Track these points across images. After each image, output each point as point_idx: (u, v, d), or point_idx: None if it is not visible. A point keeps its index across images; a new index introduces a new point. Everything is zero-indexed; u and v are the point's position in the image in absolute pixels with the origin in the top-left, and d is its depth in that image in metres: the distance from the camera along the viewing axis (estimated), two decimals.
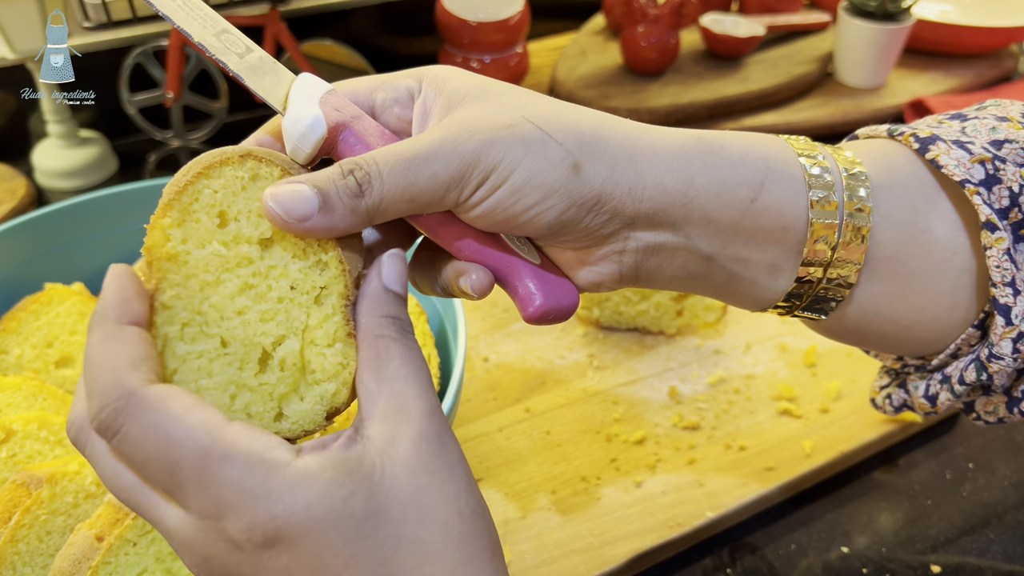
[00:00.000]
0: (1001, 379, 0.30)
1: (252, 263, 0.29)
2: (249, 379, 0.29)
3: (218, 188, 0.29)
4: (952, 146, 0.30)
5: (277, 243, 0.29)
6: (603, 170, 0.28)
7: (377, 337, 0.27)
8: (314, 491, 0.24)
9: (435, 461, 0.26)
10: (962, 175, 0.29)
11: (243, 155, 0.29)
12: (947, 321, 0.31)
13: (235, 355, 0.29)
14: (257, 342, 0.29)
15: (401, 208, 0.28)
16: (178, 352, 0.28)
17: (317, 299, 0.29)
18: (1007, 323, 0.29)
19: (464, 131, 0.28)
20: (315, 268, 0.29)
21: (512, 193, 0.28)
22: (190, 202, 0.29)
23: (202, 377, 0.29)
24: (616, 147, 0.29)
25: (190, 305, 0.29)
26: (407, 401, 0.26)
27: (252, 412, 0.29)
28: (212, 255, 0.29)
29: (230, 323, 0.29)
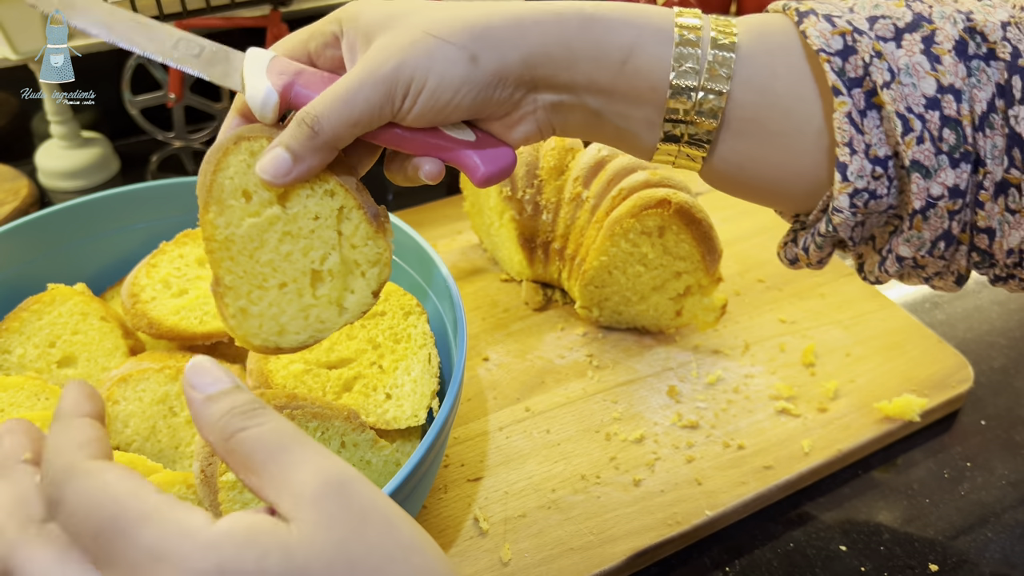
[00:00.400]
0: (844, 231, 0.34)
1: (279, 219, 0.37)
2: (310, 299, 0.38)
3: (232, 175, 0.36)
4: (821, 19, 0.33)
5: (291, 194, 0.37)
6: (494, 55, 0.34)
7: (226, 441, 0.26)
8: (226, 552, 0.23)
9: (344, 512, 0.25)
10: (820, 44, 0.32)
11: (235, 140, 0.36)
12: (811, 179, 0.35)
13: (295, 288, 0.37)
14: (307, 269, 0.37)
15: (351, 132, 0.35)
16: (253, 312, 0.37)
17: (339, 217, 0.37)
18: (843, 179, 0.33)
19: (379, 58, 0.34)
20: (326, 196, 0.37)
21: (431, 96, 0.34)
22: (219, 194, 0.36)
23: (281, 316, 0.37)
24: (504, 31, 0.34)
25: (249, 274, 0.37)
26: (289, 475, 0.25)
27: (323, 318, 0.38)
28: (250, 227, 0.36)
29: (282, 267, 0.37)
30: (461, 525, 0.48)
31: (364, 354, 0.49)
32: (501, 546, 0.47)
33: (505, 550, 0.46)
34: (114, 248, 0.58)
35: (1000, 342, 0.64)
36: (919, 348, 0.60)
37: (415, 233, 0.53)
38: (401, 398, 0.48)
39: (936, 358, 0.59)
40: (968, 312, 0.67)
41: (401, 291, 0.51)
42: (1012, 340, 0.64)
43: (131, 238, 0.58)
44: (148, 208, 0.58)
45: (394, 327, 0.50)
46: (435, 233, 0.73)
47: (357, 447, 0.42)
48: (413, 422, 0.47)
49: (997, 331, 0.65)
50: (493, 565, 0.46)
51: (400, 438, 0.48)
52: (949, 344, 0.61)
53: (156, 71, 0.85)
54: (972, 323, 0.65)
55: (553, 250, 0.63)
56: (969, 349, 0.63)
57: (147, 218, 0.58)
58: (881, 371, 0.58)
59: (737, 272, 0.68)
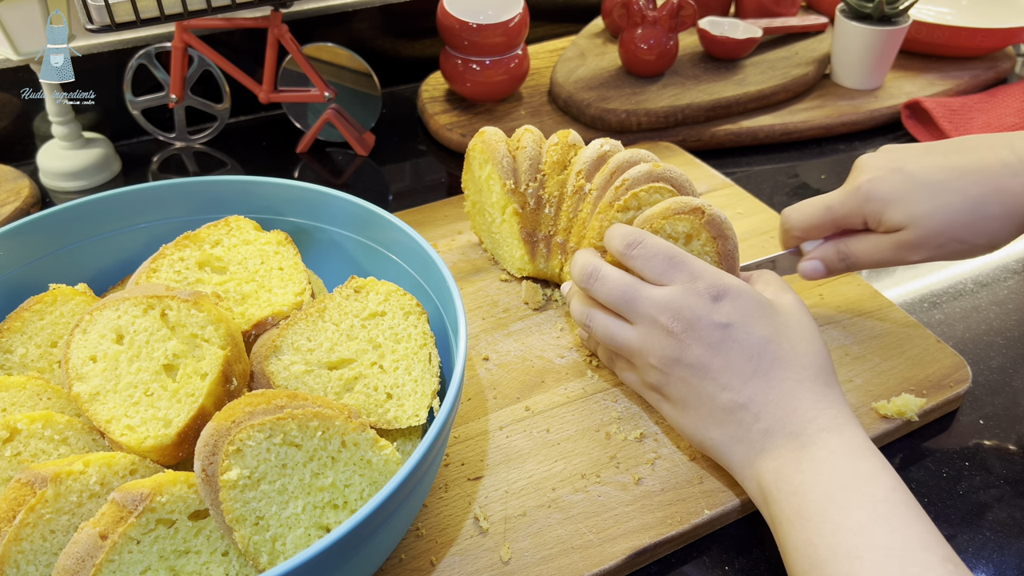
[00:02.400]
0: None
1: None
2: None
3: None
4: None
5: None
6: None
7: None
8: (741, 283, 0.48)
9: (810, 318, 0.48)
10: None
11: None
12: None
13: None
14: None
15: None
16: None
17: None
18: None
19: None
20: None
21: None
22: None
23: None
24: None
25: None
26: (780, 286, 0.51)
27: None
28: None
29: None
30: (461, 524, 0.48)
31: (365, 354, 0.49)
32: (501, 545, 0.47)
33: (505, 549, 0.47)
34: (115, 248, 0.58)
35: (998, 342, 0.64)
36: (917, 348, 0.60)
37: (415, 233, 0.53)
38: (402, 398, 0.48)
39: (934, 358, 0.59)
40: (966, 312, 0.67)
41: (401, 291, 0.52)
42: (1010, 340, 0.64)
43: (132, 238, 0.58)
44: (149, 208, 0.58)
45: (394, 327, 0.50)
46: (435, 233, 0.73)
47: (357, 447, 0.42)
48: (414, 422, 0.47)
49: (995, 331, 0.65)
50: (493, 564, 0.46)
51: (401, 437, 0.49)
52: (947, 344, 0.61)
53: (157, 72, 0.85)
54: (970, 323, 0.66)
55: (555, 244, 0.63)
56: (967, 349, 0.63)
57: (148, 218, 0.58)
58: (879, 371, 0.58)
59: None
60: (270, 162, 0.87)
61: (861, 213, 0.53)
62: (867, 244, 0.54)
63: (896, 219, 0.51)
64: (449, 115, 0.91)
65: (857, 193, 0.53)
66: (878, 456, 0.42)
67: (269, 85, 0.84)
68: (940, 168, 0.51)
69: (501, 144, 0.64)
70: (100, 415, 0.44)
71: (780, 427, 0.44)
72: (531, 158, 0.62)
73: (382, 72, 0.94)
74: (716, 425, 0.46)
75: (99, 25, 0.72)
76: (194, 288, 0.52)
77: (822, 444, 0.42)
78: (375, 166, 0.87)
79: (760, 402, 0.44)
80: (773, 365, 0.45)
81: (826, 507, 0.39)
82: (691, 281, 0.47)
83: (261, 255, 0.55)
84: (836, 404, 0.44)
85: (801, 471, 0.41)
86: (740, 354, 0.45)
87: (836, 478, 0.40)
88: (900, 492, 0.40)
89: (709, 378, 0.46)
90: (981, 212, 0.49)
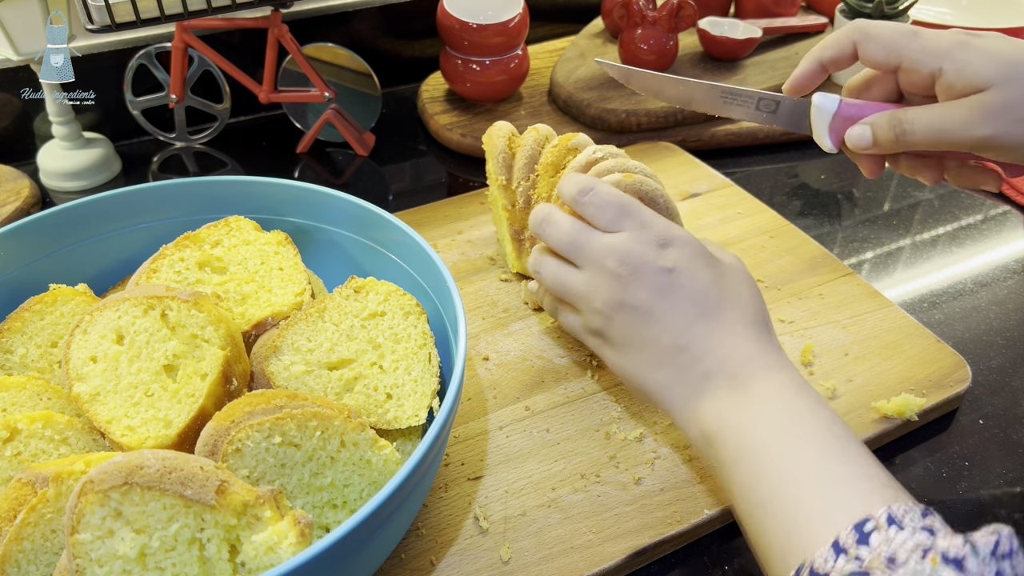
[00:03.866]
0: None
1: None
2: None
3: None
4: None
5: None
6: None
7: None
8: (688, 233, 0.48)
9: (749, 274, 0.49)
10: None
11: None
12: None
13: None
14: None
15: (930, 146, 0.47)
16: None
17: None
18: None
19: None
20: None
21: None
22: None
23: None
24: None
25: None
26: (720, 247, 0.51)
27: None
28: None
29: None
30: (461, 524, 0.48)
31: (365, 354, 0.49)
32: (501, 545, 0.47)
33: (505, 549, 0.47)
34: (116, 248, 0.58)
35: (998, 342, 0.64)
36: (917, 348, 0.60)
37: (415, 233, 0.53)
38: (402, 398, 0.48)
39: (934, 358, 0.59)
40: (966, 312, 0.67)
41: (401, 291, 0.52)
42: (1009, 340, 0.64)
43: (133, 239, 0.58)
44: (150, 209, 0.58)
45: (394, 327, 0.50)
46: (435, 233, 0.73)
47: (357, 446, 0.42)
48: (414, 422, 0.47)
49: (995, 331, 0.65)
50: (493, 563, 0.46)
51: (401, 437, 0.49)
52: (947, 344, 0.61)
53: (157, 72, 0.85)
54: (970, 323, 0.66)
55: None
56: (967, 349, 0.63)
57: (148, 219, 0.58)
58: (879, 371, 0.58)
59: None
60: (270, 162, 0.88)
61: (941, 59, 0.45)
62: (932, 110, 0.46)
63: (986, 71, 0.43)
64: (449, 115, 0.91)
65: (952, 38, 0.45)
66: (816, 395, 0.43)
67: (269, 85, 0.84)
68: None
69: (502, 140, 0.64)
70: (100, 415, 0.44)
71: (720, 368, 0.44)
72: (528, 157, 0.62)
73: (382, 72, 0.94)
74: (657, 368, 0.46)
75: (99, 25, 0.72)
76: (194, 288, 0.52)
77: (762, 382, 0.43)
78: (375, 166, 0.88)
79: (701, 344, 0.45)
80: (716, 308, 0.46)
81: (769, 441, 0.40)
82: (640, 229, 0.48)
83: (261, 255, 0.55)
84: (776, 349, 0.46)
85: (744, 409, 0.42)
86: (684, 298, 0.46)
87: (778, 413, 0.41)
88: (839, 426, 0.41)
89: (653, 321, 0.46)
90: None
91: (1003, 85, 0.43)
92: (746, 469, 0.40)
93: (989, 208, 0.79)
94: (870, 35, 0.48)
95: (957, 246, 0.75)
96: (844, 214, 0.80)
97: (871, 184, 0.84)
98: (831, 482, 0.37)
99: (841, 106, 0.49)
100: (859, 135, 0.49)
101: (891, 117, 0.47)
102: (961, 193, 0.82)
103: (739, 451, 0.41)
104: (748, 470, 0.40)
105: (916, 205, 0.80)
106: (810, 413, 0.41)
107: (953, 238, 0.76)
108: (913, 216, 0.79)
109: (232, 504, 0.36)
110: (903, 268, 0.72)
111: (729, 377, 0.44)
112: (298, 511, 0.37)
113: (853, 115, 0.49)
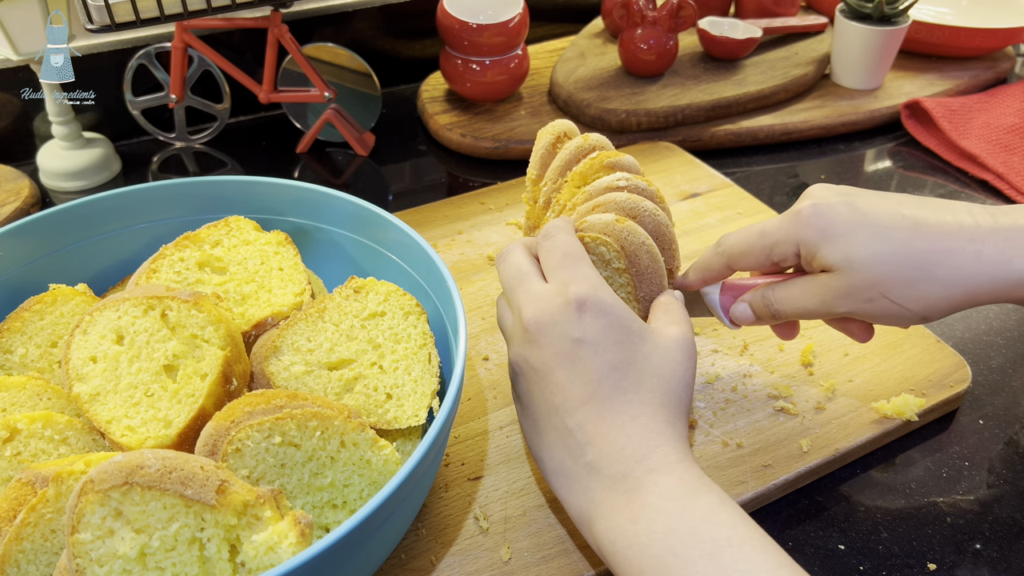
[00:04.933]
0: None
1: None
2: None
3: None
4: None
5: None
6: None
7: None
8: (616, 301, 0.44)
9: (684, 353, 0.44)
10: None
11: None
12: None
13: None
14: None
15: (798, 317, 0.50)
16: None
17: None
18: None
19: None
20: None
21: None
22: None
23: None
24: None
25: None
26: (675, 317, 0.47)
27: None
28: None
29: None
30: (461, 524, 0.48)
31: (365, 355, 0.49)
32: (501, 545, 0.47)
33: (505, 549, 0.47)
34: (116, 249, 0.58)
35: (998, 342, 0.64)
36: (917, 348, 0.60)
37: (415, 233, 0.53)
38: (401, 398, 0.48)
39: (934, 358, 0.59)
40: (966, 312, 0.67)
41: (401, 291, 0.52)
42: (1009, 340, 0.64)
43: (132, 239, 0.58)
44: (149, 209, 0.58)
45: (394, 327, 0.50)
46: (435, 233, 0.73)
47: (357, 446, 0.42)
48: (414, 422, 0.47)
49: (995, 331, 0.65)
50: (493, 563, 0.46)
51: (401, 437, 0.49)
52: (947, 344, 0.61)
53: (157, 72, 0.85)
54: (970, 323, 0.66)
55: None
56: (967, 349, 0.63)
57: (148, 219, 0.58)
58: (879, 371, 0.58)
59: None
60: (270, 162, 0.88)
61: (795, 240, 0.46)
62: (793, 289, 0.47)
63: (831, 257, 0.44)
64: (449, 115, 0.91)
65: (797, 218, 0.46)
66: (714, 491, 0.39)
67: (269, 85, 0.84)
68: (892, 214, 0.44)
69: (549, 136, 0.62)
70: (100, 415, 0.44)
71: (605, 465, 0.40)
72: (565, 161, 0.60)
73: (382, 72, 0.94)
74: (547, 447, 0.43)
75: (99, 25, 0.72)
76: (194, 289, 0.52)
77: (651, 488, 0.39)
78: (375, 166, 0.88)
79: (589, 431, 0.41)
80: (611, 395, 0.42)
81: (670, 563, 0.36)
82: (566, 282, 0.44)
83: (261, 255, 0.55)
84: (670, 441, 0.41)
85: (634, 521, 0.38)
86: (582, 375, 0.42)
87: (672, 526, 0.37)
88: (742, 527, 0.37)
89: (548, 391, 0.43)
90: (925, 272, 0.43)
91: (847, 270, 0.44)
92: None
93: None
94: (733, 256, 0.50)
95: None
96: None
97: (871, 184, 0.84)
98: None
99: (723, 289, 0.51)
100: (742, 312, 0.50)
101: (762, 296, 0.49)
102: (961, 193, 0.82)
103: (638, 573, 0.37)
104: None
105: None
106: (707, 521, 0.37)
107: None
108: None
109: (232, 504, 0.36)
110: None
111: (615, 479, 0.40)
112: (298, 511, 0.37)
113: (736, 294, 0.51)
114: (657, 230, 0.51)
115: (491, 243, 0.72)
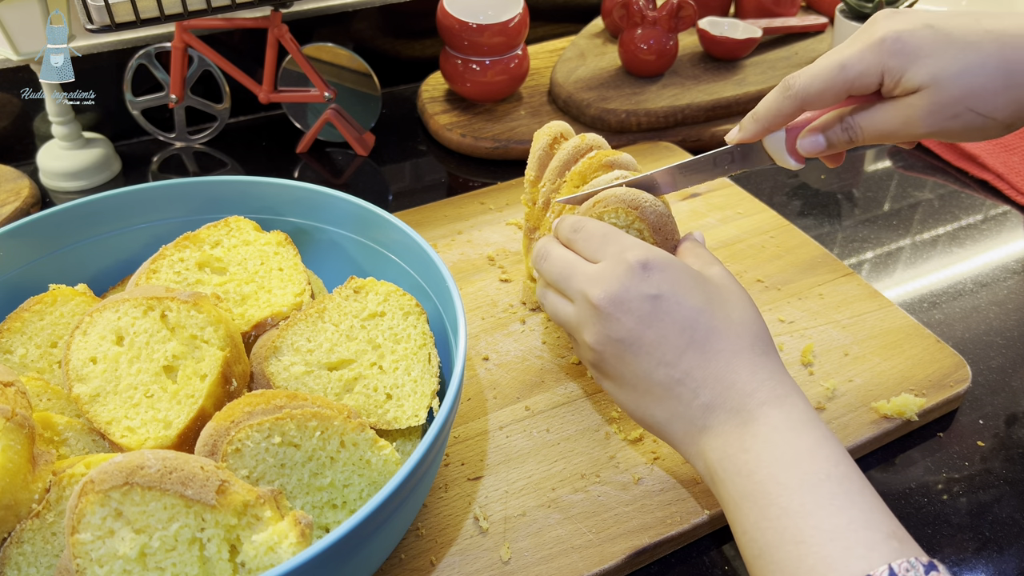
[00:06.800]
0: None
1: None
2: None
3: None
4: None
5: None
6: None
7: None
8: (673, 257, 0.46)
9: (738, 285, 0.47)
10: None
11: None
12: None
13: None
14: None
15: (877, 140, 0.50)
16: None
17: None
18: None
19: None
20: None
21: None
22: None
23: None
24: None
25: None
26: (707, 259, 0.49)
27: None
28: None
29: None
30: (461, 524, 0.48)
31: (364, 355, 0.49)
32: (501, 545, 0.47)
33: (505, 549, 0.47)
34: (115, 249, 0.58)
35: (997, 342, 0.64)
36: (917, 348, 0.60)
37: (415, 233, 0.53)
38: (401, 398, 0.48)
39: (934, 358, 0.59)
40: (966, 312, 0.67)
41: (401, 291, 0.52)
42: (1009, 340, 0.64)
43: (132, 239, 0.58)
44: (149, 209, 0.58)
45: (394, 327, 0.50)
46: (435, 233, 0.73)
47: (356, 447, 0.42)
48: (413, 422, 0.47)
49: (995, 331, 0.65)
50: (493, 563, 0.46)
51: (400, 437, 0.49)
52: (947, 344, 0.61)
53: (157, 72, 0.85)
54: (970, 323, 0.66)
55: None
56: (967, 349, 0.63)
57: (148, 219, 0.58)
58: (879, 371, 0.58)
59: (736, 272, 0.68)
60: (270, 162, 0.88)
61: (880, 70, 0.47)
62: (876, 113, 0.48)
63: (918, 78, 0.45)
64: (449, 115, 0.91)
65: (880, 47, 0.46)
66: (820, 427, 0.41)
67: (269, 85, 0.84)
68: (975, 30, 0.46)
69: (546, 138, 0.62)
70: (100, 416, 0.44)
71: (720, 402, 0.43)
72: (563, 162, 0.60)
73: (382, 72, 0.94)
74: (656, 403, 0.45)
75: (99, 25, 0.72)
76: (194, 289, 0.52)
77: (763, 420, 0.41)
78: (375, 166, 0.88)
79: (698, 376, 0.43)
80: (708, 336, 0.44)
81: (771, 489, 0.39)
82: (620, 253, 0.46)
83: (261, 256, 0.55)
84: (775, 374, 0.43)
85: (745, 450, 0.41)
86: (672, 326, 0.44)
87: (779, 456, 0.40)
88: (843, 466, 0.39)
89: (643, 353, 0.44)
90: (1014, 80, 0.44)
91: (934, 88, 0.46)
92: (748, 516, 0.39)
93: (989, 208, 0.79)
94: (809, 96, 0.50)
95: (957, 246, 0.75)
96: (844, 214, 0.80)
97: (871, 184, 0.84)
98: (832, 535, 0.36)
99: (788, 129, 0.52)
100: (813, 142, 0.51)
101: (841, 123, 0.50)
102: (961, 193, 0.82)
103: (742, 496, 0.40)
104: (750, 518, 0.39)
105: (916, 205, 0.80)
106: (811, 454, 0.40)
107: (953, 238, 0.76)
108: (913, 216, 0.79)
109: (232, 504, 0.36)
110: (903, 268, 0.72)
111: (731, 412, 0.42)
112: (298, 511, 0.37)
113: (797, 132, 0.52)
114: (659, 220, 0.51)
115: (491, 243, 0.72)
